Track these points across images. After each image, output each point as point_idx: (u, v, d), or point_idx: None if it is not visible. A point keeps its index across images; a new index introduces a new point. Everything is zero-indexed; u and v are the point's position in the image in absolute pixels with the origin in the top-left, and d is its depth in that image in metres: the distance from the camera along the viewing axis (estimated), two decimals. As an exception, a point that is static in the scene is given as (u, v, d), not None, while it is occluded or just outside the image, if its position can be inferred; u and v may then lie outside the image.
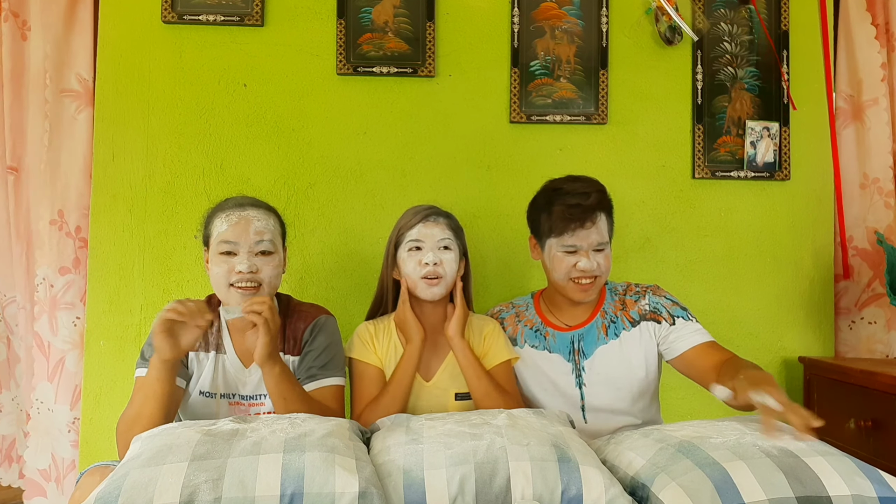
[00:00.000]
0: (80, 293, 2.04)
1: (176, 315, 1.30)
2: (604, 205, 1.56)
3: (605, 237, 1.55)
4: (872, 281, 2.18)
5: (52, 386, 2.02)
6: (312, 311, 1.56)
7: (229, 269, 1.41)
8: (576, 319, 1.64)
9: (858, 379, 1.87)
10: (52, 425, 2.02)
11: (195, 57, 2.05)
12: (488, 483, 1.05)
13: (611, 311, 1.63)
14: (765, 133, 2.13)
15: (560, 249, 1.54)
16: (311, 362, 1.48)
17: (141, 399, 1.33)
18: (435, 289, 1.54)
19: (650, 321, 1.60)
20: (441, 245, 1.55)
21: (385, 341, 1.60)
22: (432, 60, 2.07)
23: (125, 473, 1.02)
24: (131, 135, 2.03)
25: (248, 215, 1.44)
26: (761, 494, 1.00)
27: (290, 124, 2.07)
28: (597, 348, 1.60)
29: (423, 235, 1.55)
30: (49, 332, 2.02)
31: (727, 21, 2.16)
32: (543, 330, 1.64)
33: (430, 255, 1.53)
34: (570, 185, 1.57)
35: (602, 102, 2.10)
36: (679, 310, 1.60)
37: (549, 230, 1.55)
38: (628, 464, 1.19)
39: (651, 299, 1.62)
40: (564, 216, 1.52)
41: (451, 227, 1.58)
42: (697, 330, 1.57)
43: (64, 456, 2.01)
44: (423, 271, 1.53)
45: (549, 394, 1.62)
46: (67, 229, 2.03)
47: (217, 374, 1.47)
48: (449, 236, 1.56)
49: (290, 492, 0.98)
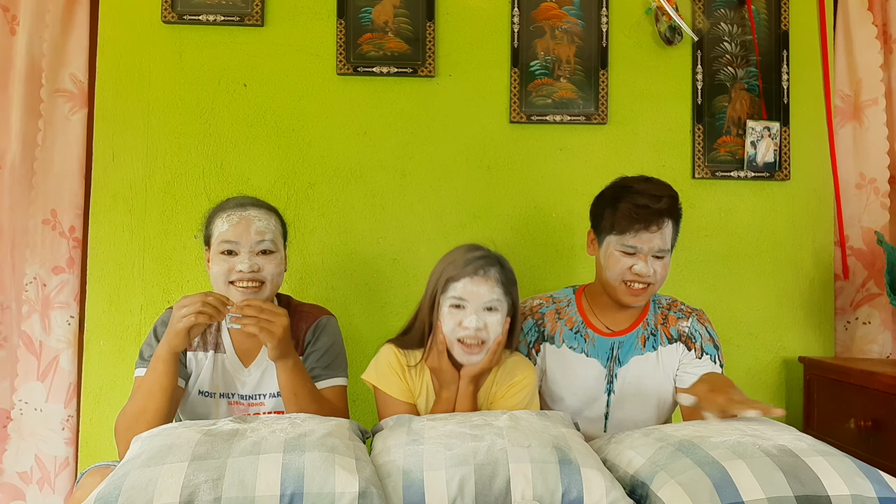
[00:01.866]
0: (74, 292, 2.03)
1: (207, 320, 1.29)
2: (672, 211, 1.51)
3: (667, 244, 1.51)
4: (867, 281, 2.18)
5: (44, 385, 2.01)
6: (314, 311, 1.56)
7: (230, 268, 1.41)
8: (618, 325, 1.60)
9: (858, 379, 1.87)
10: (40, 425, 2.00)
11: (195, 57, 2.05)
12: (488, 484, 1.05)
13: (652, 323, 1.60)
14: (765, 133, 2.13)
15: (619, 248, 1.50)
16: (314, 363, 1.48)
17: (145, 395, 1.33)
18: (473, 357, 1.38)
19: (683, 343, 1.58)
20: (487, 306, 1.38)
21: (418, 380, 1.47)
22: (432, 60, 2.07)
23: (125, 473, 1.02)
24: (131, 135, 2.03)
25: (250, 215, 1.44)
26: (760, 493, 1.00)
27: (290, 124, 2.07)
28: (632, 357, 1.58)
29: (468, 294, 1.37)
30: (41, 332, 2.01)
31: (727, 21, 2.15)
32: (584, 331, 1.60)
33: (472, 319, 1.36)
34: (642, 184, 1.52)
35: (602, 102, 2.10)
36: (712, 348, 1.58)
37: (611, 227, 1.50)
38: (628, 462, 1.19)
39: (694, 325, 1.60)
40: (630, 215, 1.47)
41: (502, 281, 1.40)
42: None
43: (56, 454, 2.00)
44: (462, 334, 1.37)
45: (577, 397, 1.59)
46: (61, 229, 2.03)
47: (216, 374, 1.47)
48: (497, 296, 1.38)
49: (290, 492, 0.98)
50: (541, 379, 1.62)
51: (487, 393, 1.48)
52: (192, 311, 1.28)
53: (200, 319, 1.28)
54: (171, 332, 1.31)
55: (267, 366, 1.47)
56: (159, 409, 1.31)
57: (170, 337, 1.31)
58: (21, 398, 2.01)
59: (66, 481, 2.01)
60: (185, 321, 1.28)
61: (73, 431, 2.01)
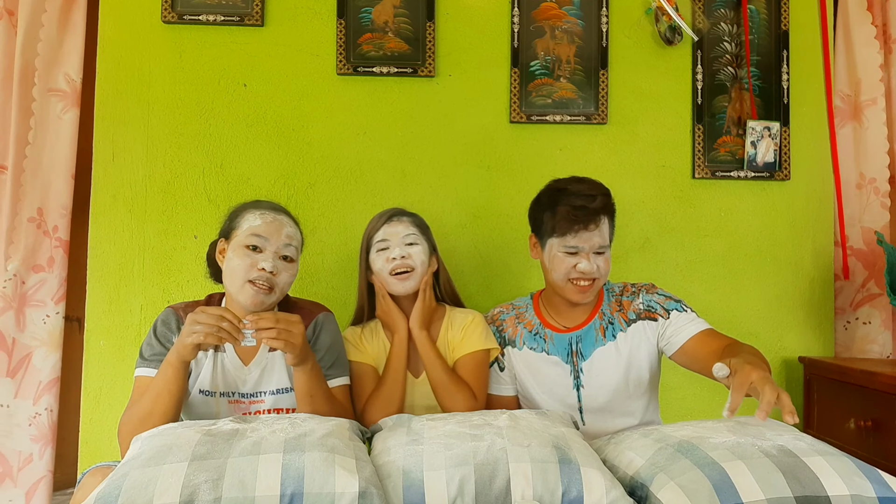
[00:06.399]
0: (52, 292, 2.03)
1: (218, 342, 1.28)
2: (608, 208, 1.56)
3: (606, 240, 1.55)
4: (867, 281, 2.18)
5: (14, 382, 2.01)
6: (311, 308, 1.57)
7: (252, 263, 1.41)
8: (574, 321, 1.64)
9: (858, 379, 1.87)
10: (5, 420, 2.00)
11: (195, 57, 2.05)
12: (488, 484, 1.05)
13: (608, 313, 1.63)
14: (766, 133, 2.13)
15: (561, 250, 1.54)
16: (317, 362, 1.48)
17: (153, 397, 1.32)
18: (406, 283, 1.59)
19: (646, 320, 1.60)
20: (407, 241, 1.59)
21: (373, 341, 1.65)
22: (432, 60, 2.07)
23: (125, 473, 1.03)
24: (131, 135, 2.03)
25: (282, 219, 1.48)
26: (759, 494, 1.00)
27: (290, 124, 2.07)
28: (595, 350, 1.60)
29: (389, 234, 1.60)
30: (14, 328, 2.01)
31: (727, 21, 2.16)
32: (542, 332, 1.64)
33: (396, 251, 1.58)
34: (576, 186, 1.56)
35: (602, 102, 2.11)
36: (672, 303, 1.59)
37: (552, 230, 1.55)
38: (628, 463, 1.19)
39: (644, 298, 1.62)
40: (568, 217, 1.51)
41: (416, 223, 1.63)
42: (693, 320, 1.55)
43: (21, 450, 2.00)
44: (392, 266, 1.58)
45: (548, 396, 1.62)
46: (45, 228, 2.03)
47: (216, 373, 1.47)
48: (414, 232, 1.61)
49: (290, 492, 0.99)
50: (514, 383, 1.67)
51: (445, 341, 1.64)
52: (205, 331, 1.27)
53: (210, 340, 1.27)
54: (180, 343, 1.30)
55: (266, 363, 1.48)
56: (166, 412, 1.31)
57: (178, 347, 1.30)
58: None
59: (29, 478, 2.00)
60: (194, 338, 1.27)
61: (40, 428, 2.00)
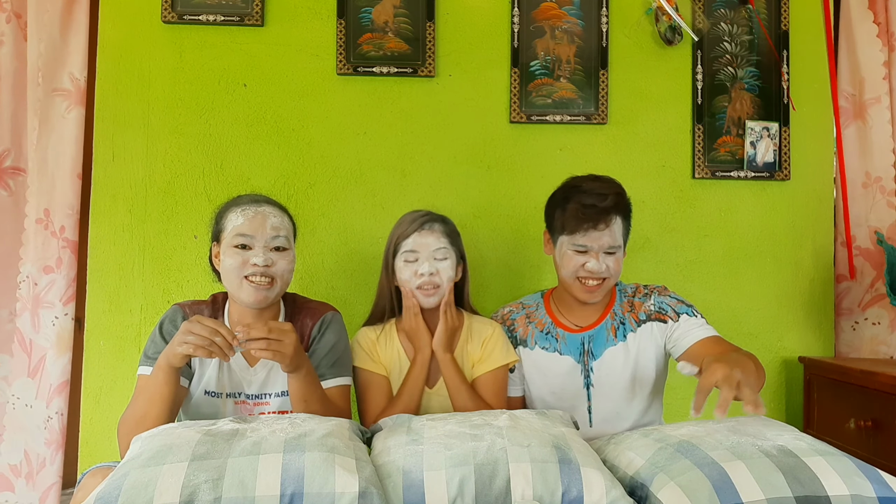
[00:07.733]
0: (60, 293, 2.03)
1: (208, 356, 1.25)
2: (620, 207, 1.54)
3: (617, 240, 1.54)
4: (875, 281, 2.17)
5: (34, 382, 2.01)
6: (319, 308, 1.57)
7: (243, 261, 1.40)
8: (586, 320, 1.63)
9: (858, 379, 1.87)
10: (28, 421, 2.01)
11: (195, 57, 2.05)
12: (488, 484, 1.05)
13: (620, 313, 1.62)
14: (765, 133, 2.13)
15: (570, 248, 1.53)
16: (319, 361, 1.48)
17: (146, 400, 1.33)
18: (431, 298, 1.54)
19: (655, 321, 1.59)
20: (437, 256, 1.53)
21: (388, 348, 1.60)
22: (432, 60, 2.07)
23: (125, 473, 1.03)
24: (131, 135, 2.03)
25: (265, 211, 1.45)
26: (759, 494, 1.00)
27: (290, 124, 2.07)
28: (605, 349, 1.60)
29: (419, 245, 1.53)
30: (31, 330, 2.02)
31: (727, 21, 2.15)
32: (554, 331, 1.63)
33: (425, 266, 1.52)
34: (590, 184, 1.55)
35: (602, 102, 2.10)
36: (684, 307, 1.60)
37: (562, 227, 1.54)
38: (628, 463, 1.19)
39: (657, 299, 1.62)
40: (578, 215, 1.50)
41: (447, 233, 1.57)
42: (701, 325, 1.55)
43: (38, 452, 2.01)
44: (419, 282, 1.53)
45: (558, 396, 1.61)
46: (52, 228, 2.03)
47: (222, 374, 1.46)
48: (444, 244, 1.54)
49: (290, 492, 0.99)
50: (522, 384, 1.66)
51: (464, 352, 1.59)
52: (196, 343, 1.24)
53: (200, 354, 1.25)
54: (170, 350, 1.29)
55: (273, 365, 1.47)
56: (160, 416, 1.31)
57: (168, 353, 1.29)
58: (14, 393, 2.02)
59: (45, 482, 2.00)
60: (185, 348, 1.25)
61: (52, 432, 2.00)
